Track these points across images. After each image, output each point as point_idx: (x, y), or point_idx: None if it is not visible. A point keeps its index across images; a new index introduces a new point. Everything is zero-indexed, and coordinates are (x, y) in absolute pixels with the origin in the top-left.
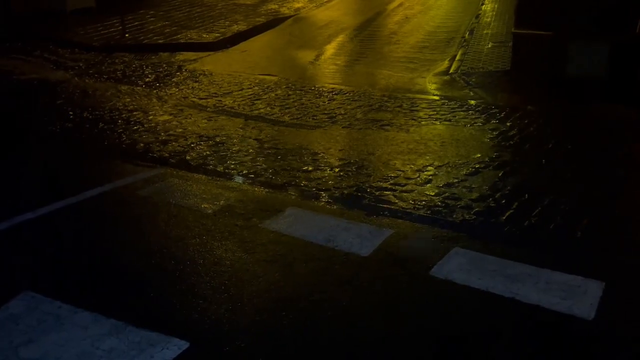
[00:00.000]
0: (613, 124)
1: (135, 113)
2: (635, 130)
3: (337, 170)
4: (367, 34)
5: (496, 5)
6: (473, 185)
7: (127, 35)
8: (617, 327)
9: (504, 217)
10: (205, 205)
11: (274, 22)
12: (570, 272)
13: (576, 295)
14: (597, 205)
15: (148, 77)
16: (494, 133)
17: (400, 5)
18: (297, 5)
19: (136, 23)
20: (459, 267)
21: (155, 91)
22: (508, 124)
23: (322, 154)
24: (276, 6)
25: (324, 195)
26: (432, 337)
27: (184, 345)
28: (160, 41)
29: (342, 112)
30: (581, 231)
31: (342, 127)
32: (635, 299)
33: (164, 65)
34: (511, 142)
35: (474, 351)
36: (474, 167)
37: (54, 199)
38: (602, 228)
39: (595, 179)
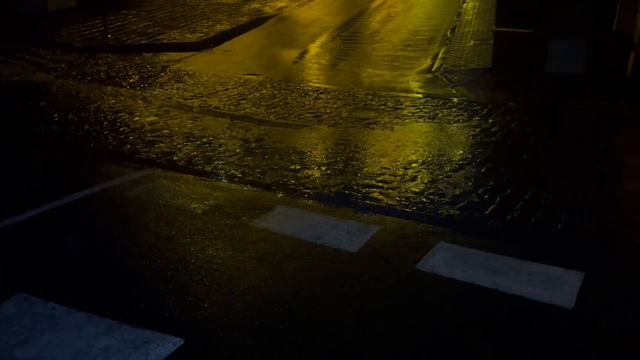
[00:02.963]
0: (592, 120)
1: (120, 114)
2: (614, 125)
3: (324, 168)
4: (350, 33)
5: (477, 4)
6: (457, 181)
7: (109, 36)
8: (595, 315)
9: (487, 212)
10: (195, 205)
11: (257, 21)
12: (551, 264)
13: (557, 286)
14: (576, 200)
15: (132, 78)
16: (477, 130)
17: (383, 3)
18: (279, 4)
19: (118, 23)
20: (444, 260)
21: (139, 92)
22: (490, 120)
23: (308, 153)
24: (259, 5)
25: (311, 193)
26: (419, 328)
27: (179, 342)
28: (143, 42)
29: (328, 111)
30: (561, 224)
31: (328, 126)
32: (612, 288)
33: (148, 66)
34: (493, 139)
35: (460, 341)
36: (458, 164)
37: (42, 202)
38: (581, 221)
39: (574, 173)
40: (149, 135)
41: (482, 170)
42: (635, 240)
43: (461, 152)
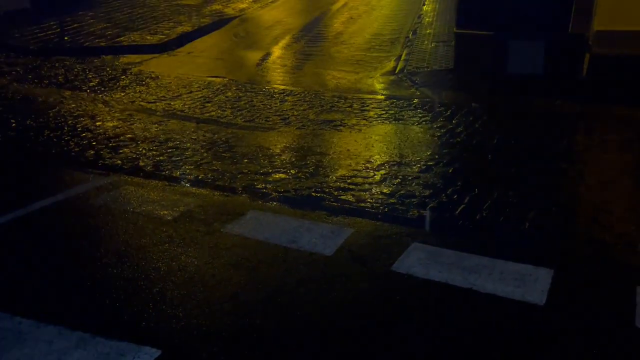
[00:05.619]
0: (553, 118)
1: (81, 119)
2: (572, 124)
3: (294, 171)
4: (314, 35)
5: (437, 6)
6: (426, 182)
7: (66, 37)
8: (566, 310)
9: (457, 212)
10: (164, 212)
11: (219, 23)
12: (522, 262)
13: (528, 283)
14: (542, 197)
15: (92, 82)
16: (442, 130)
17: (345, 5)
18: (241, 5)
19: (75, 25)
20: (419, 261)
21: (100, 96)
22: (454, 121)
23: (278, 156)
24: (220, 7)
25: (284, 197)
26: (397, 329)
27: (156, 353)
28: (102, 44)
29: (295, 114)
30: (529, 222)
31: (296, 129)
32: (581, 283)
33: (108, 69)
34: (459, 139)
35: (437, 339)
36: (426, 165)
37: (3, 211)
38: (548, 219)
39: (539, 171)
40: (112, 140)
41: (450, 171)
42: (599, 236)
43: (428, 153)
